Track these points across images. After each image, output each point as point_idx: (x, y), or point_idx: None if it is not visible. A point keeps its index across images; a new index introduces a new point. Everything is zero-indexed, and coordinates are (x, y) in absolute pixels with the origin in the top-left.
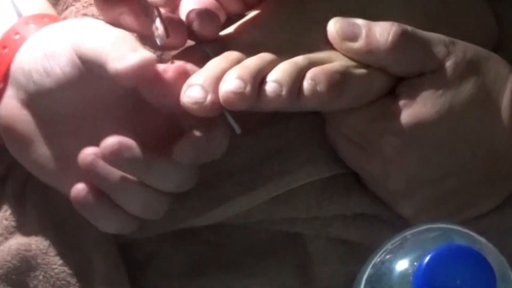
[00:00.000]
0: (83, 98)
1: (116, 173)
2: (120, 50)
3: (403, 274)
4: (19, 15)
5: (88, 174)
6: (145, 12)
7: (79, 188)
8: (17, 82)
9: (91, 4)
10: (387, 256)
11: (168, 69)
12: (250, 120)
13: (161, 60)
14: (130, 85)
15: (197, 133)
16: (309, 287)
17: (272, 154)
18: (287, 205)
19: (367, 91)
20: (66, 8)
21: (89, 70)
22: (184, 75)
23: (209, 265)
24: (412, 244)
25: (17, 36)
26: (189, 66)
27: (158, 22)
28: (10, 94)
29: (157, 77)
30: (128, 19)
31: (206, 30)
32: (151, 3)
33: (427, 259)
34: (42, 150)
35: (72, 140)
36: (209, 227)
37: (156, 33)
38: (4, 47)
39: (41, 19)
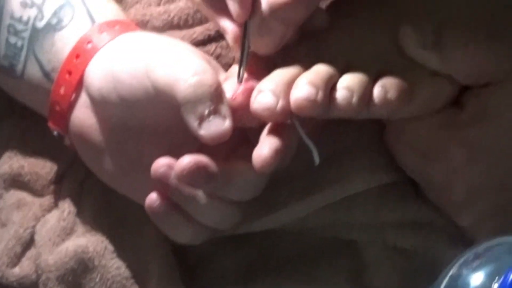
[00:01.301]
0: (151, 113)
1: None
2: (197, 94)
3: None
4: (93, 21)
5: (161, 185)
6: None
7: (153, 198)
8: (88, 92)
9: (150, 5)
10: (463, 271)
11: (236, 96)
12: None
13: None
14: None
15: (275, 140)
16: None
17: (330, 160)
18: (344, 211)
19: (435, 99)
20: (126, 8)
21: (160, 94)
22: (251, 94)
23: (261, 270)
24: (487, 259)
25: (89, 45)
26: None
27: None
28: (83, 102)
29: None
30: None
31: None
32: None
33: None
34: (112, 159)
35: (141, 151)
36: (262, 232)
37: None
38: (77, 56)
39: (113, 27)
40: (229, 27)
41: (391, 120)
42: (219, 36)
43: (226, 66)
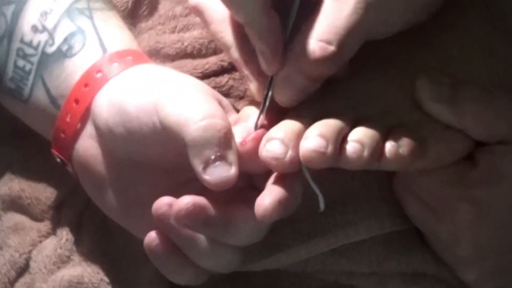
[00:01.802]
0: (157, 149)
1: None
2: (204, 138)
3: None
4: (104, 50)
5: (161, 225)
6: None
7: (152, 237)
8: (94, 122)
9: (164, 33)
10: None
11: (246, 142)
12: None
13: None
14: None
15: (279, 190)
16: None
17: (335, 204)
18: (346, 257)
19: (448, 154)
20: (140, 33)
21: (167, 132)
22: (261, 140)
23: None
24: None
25: (99, 75)
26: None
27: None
28: (89, 132)
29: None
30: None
31: None
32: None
33: None
34: (115, 192)
35: (144, 187)
36: (262, 271)
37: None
38: (86, 85)
39: (125, 58)
40: (254, 77)
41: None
42: (232, 68)
43: (238, 98)
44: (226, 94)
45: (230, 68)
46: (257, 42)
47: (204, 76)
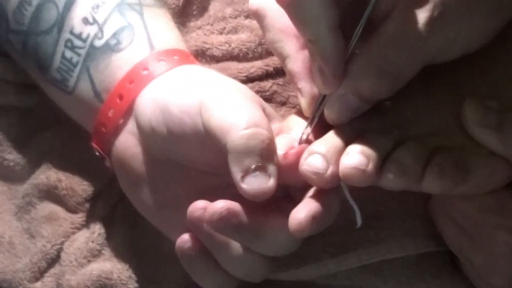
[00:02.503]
0: (196, 152)
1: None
2: (247, 147)
3: None
4: (152, 47)
5: (195, 228)
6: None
7: (185, 239)
8: (137, 120)
9: (212, 33)
10: None
11: (288, 155)
12: None
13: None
14: None
15: (315, 205)
16: None
17: (370, 220)
18: (377, 275)
19: (489, 181)
20: (188, 32)
21: (210, 135)
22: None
23: None
24: None
25: (145, 72)
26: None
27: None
28: (130, 129)
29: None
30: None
31: None
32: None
33: None
34: (150, 191)
35: (181, 187)
36: (288, 281)
37: (304, 130)
38: (131, 81)
39: (171, 57)
40: (307, 92)
41: None
42: (277, 73)
43: (280, 104)
44: (269, 99)
45: (274, 74)
46: (319, 61)
47: (248, 80)
